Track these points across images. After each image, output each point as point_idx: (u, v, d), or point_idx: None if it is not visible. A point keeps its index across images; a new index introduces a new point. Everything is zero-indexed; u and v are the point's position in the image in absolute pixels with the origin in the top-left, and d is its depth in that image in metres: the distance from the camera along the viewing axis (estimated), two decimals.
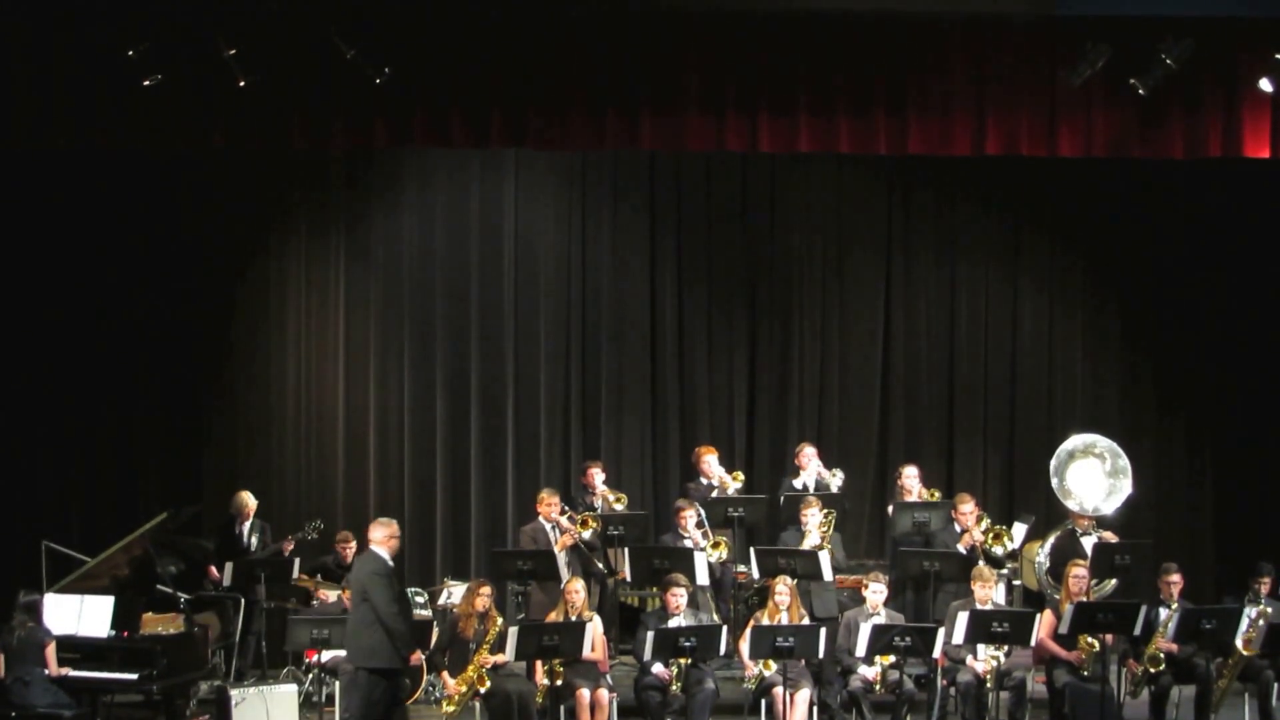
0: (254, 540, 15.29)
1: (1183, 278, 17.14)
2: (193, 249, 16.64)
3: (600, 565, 14.83)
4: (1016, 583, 15.25)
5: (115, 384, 16.57)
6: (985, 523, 14.68)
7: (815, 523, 14.56)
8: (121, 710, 13.60)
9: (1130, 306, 17.28)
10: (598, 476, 15.53)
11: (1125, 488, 15.18)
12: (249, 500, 15.38)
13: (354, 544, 14.95)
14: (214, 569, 14.90)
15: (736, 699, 13.57)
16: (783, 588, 13.47)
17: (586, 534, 14.69)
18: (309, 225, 17.04)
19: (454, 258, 17.11)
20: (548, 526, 14.72)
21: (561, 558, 14.44)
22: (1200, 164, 15.61)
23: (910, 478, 15.37)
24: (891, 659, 13.03)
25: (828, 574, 14.21)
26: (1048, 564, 14.88)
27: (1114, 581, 14.61)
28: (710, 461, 15.59)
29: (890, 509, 15.53)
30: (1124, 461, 15.24)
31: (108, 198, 16.41)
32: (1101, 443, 15.38)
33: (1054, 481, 15.16)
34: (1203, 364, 17.18)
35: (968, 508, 14.76)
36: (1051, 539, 15.00)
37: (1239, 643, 13.34)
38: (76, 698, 12.65)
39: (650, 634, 12.85)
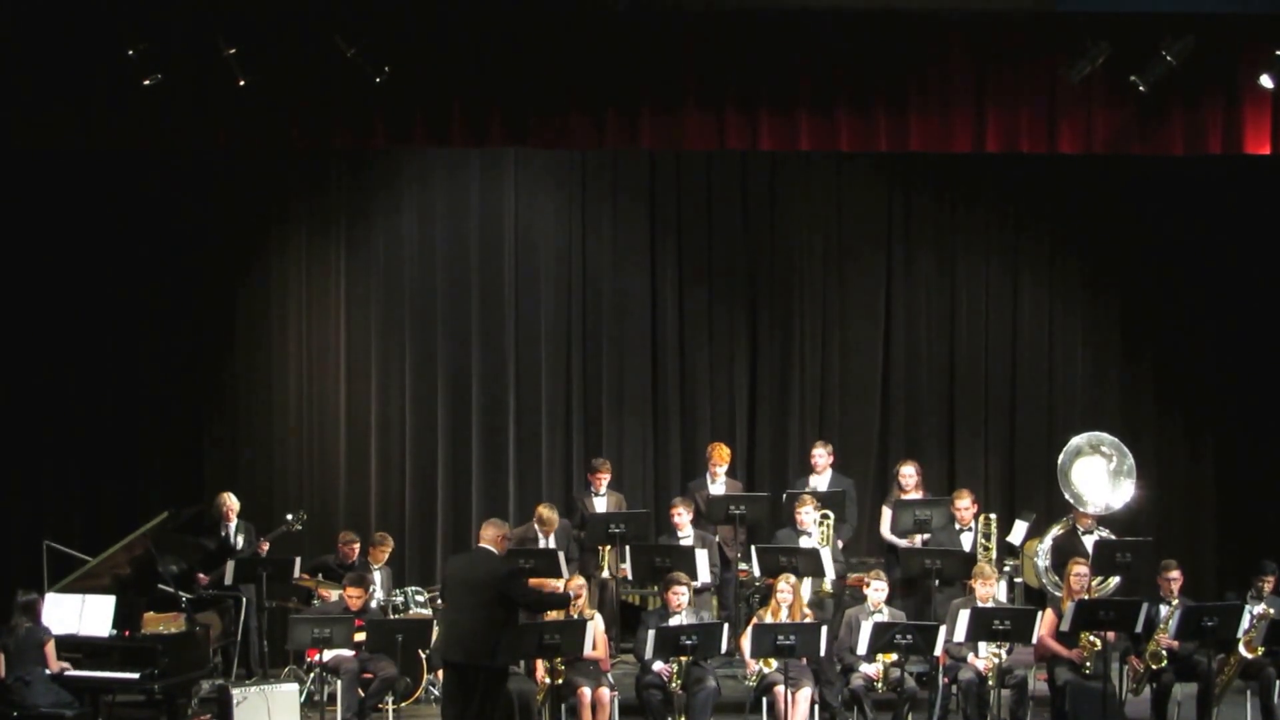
0: (240, 540, 15.31)
1: (1183, 274, 17.14)
2: (193, 248, 16.64)
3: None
4: (1018, 580, 15.28)
5: (116, 383, 16.59)
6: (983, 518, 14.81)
7: (812, 520, 14.59)
8: (123, 709, 13.61)
9: (1130, 303, 17.27)
10: (604, 479, 15.54)
11: (1129, 488, 15.22)
12: (230, 501, 15.39)
13: (358, 545, 14.98)
14: (202, 575, 14.93)
15: (738, 697, 13.60)
16: (785, 586, 13.48)
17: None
18: (309, 224, 17.05)
19: (454, 256, 17.12)
20: (541, 539, 14.74)
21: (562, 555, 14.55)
22: (1201, 161, 15.59)
23: (908, 476, 15.40)
24: (893, 657, 13.05)
25: (829, 572, 14.24)
26: (1048, 561, 14.91)
27: (1116, 580, 14.64)
28: (720, 469, 15.65)
29: (884, 507, 15.57)
30: (1130, 462, 15.28)
31: (108, 197, 16.43)
32: (1108, 441, 15.42)
33: (1062, 487, 15.19)
34: (1203, 360, 17.18)
35: (964, 503, 14.81)
36: (1051, 536, 15.03)
37: (1240, 645, 13.35)
38: (78, 697, 12.65)
39: (651, 632, 12.85)
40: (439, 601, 12.42)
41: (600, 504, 15.41)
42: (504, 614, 11.97)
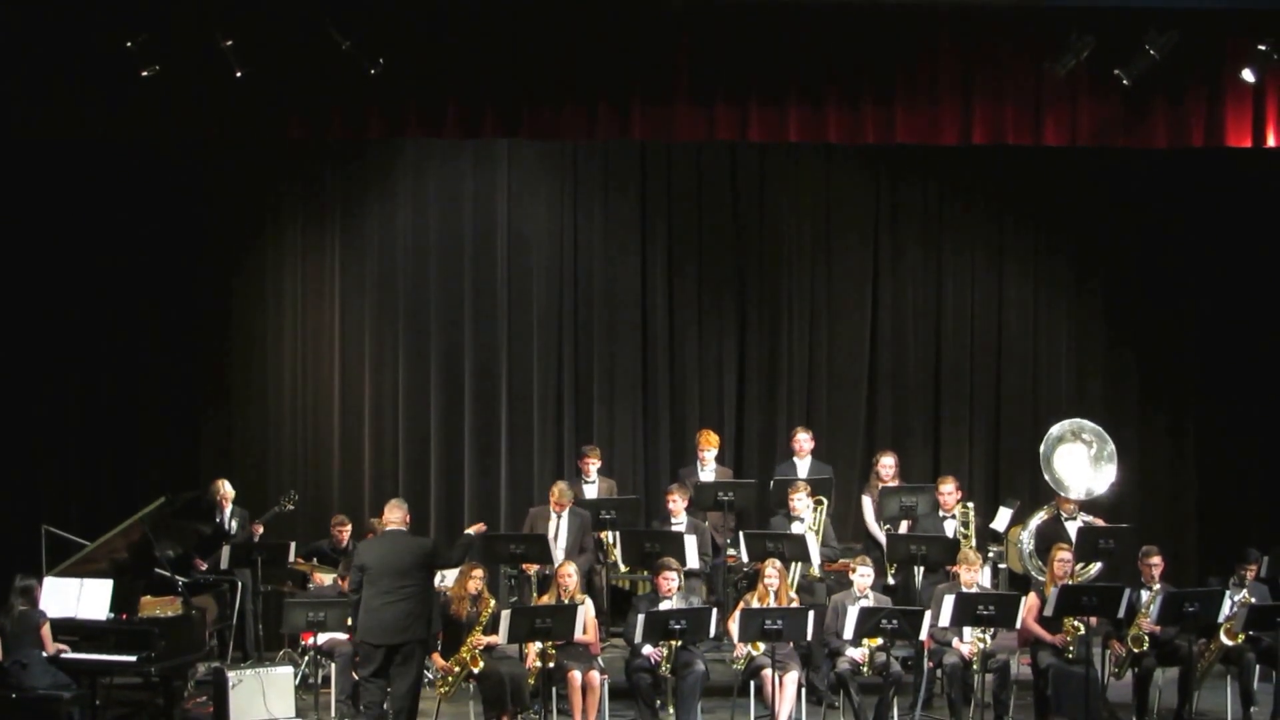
0: (234, 525, 15.44)
1: (1166, 265, 17.31)
2: (190, 237, 16.72)
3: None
4: (1002, 566, 15.44)
5: (114, 370, 16.67)
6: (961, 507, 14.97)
7: (805, 507, 14.72)
8: (120, 692, 13.73)
9: (1114, 294, 17.43)
10: (593, 465, 15.69)
11: (1110, 473, 15.38)
12: (225, 488, 15.52)
13: (349, 528, 15.10)
14: (199, 560, 15.06)
15: (726, 681, 13.72)
16: (772, 571, 13.60)
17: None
18: (304, 214, 17.16)
19: (447, 246, 17.22)
20: (553, 516, 14.84)
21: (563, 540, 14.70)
22: (1183, 154, 15.74)
23: (886, 466, 15.55)
24: (879, 641, 13.16)
25: (815, 558, 14.38)
26: (1031, 547, 15.05)
27: (1099, 565, 14.76)
28: (708, 454, 15.79)
29: (864, 497, 15.72)
30: (1111, 448, 15.42)
31: (106, 187, 16.51)
32: (1088, 428, 15.57)
33: (1045, 473, 15.34)
34: (1186, 349, 17.36)
35: (948, 488, 14.95)
36: (1035, 522, 15.18)
37: (1221, 632, 13.47)
38: (76, 679, 12.70)
39: (641, 617, 12.98)
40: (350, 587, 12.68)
41: (591, 491, 15.50)
42: (430, 586, 12.55)
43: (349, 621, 12.98)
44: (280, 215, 17.13)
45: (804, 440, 15.83)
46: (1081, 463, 15.39)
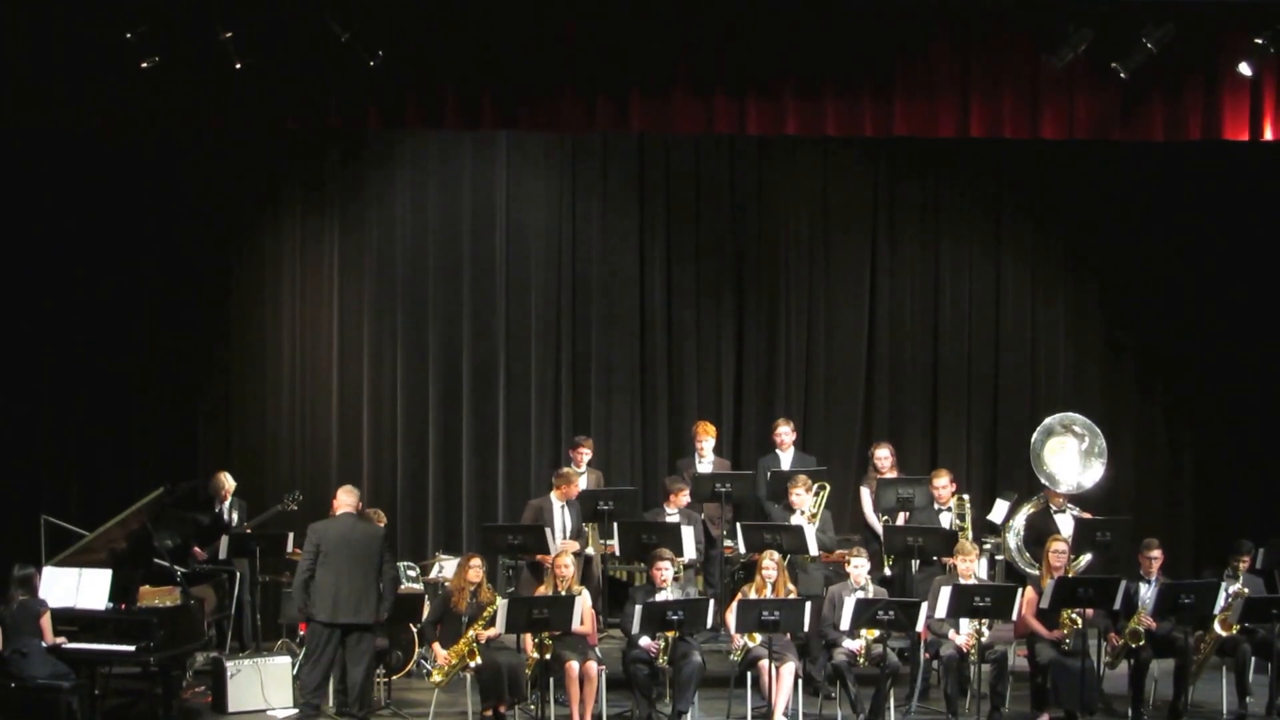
0: (234, 517, 15.47)
1: (1162, 258, 17.38)
2: (189, 228, 16.73)
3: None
4: (999, 558, 15.46)
5: (113, 361, 16.66)
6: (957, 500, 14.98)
7: (807, 503, 14.74)
8: (119, 681, 13.73)
9: (1111, 286, 17.51)
10: (585, 455, 15.72)
11: (1100, 467, 15.40)
12: (226, 480, 15.56)
13: None
14: (198, 549, 15.09)
15: (723, 672, 13.75)
16: (769, 562, 13.61)
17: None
18: (303, 205, 17.17)
19: (446, 238, 17.25)
20: (557, 505, 14.80)
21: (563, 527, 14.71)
22: (1180, 147, 15.80)
23: (883, 458, 15.58)
24: (875, 632, 13.19)
25: (813, 549, 14.39)
26: (1020, 539, 15.08)
27: (1087, 556, 14.74)
28: (705, 445, 15.83)
29: (862, 488, 15.76)
30: (1102, 442, 15.45)
31: (105, 178, 16.51)
32: (1079, 421, 15.60)
33: (1035, 466, 15.37)
34: (1182, 341, 17.41)
35: (942, 481, 14.96)
36: (1023, 514, 15.21)
37: (1215, 623, 13.54)
38: (75, 669, 12.68)
39: (638, 608, 13.00)
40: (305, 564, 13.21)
41: (580, 481, 15.47)
42: (379, 571, 13.18)
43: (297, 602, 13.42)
44: (279, 207, 17.14)
45: (785, 432, 15.88)
46: (1072, 456, 15.42)
